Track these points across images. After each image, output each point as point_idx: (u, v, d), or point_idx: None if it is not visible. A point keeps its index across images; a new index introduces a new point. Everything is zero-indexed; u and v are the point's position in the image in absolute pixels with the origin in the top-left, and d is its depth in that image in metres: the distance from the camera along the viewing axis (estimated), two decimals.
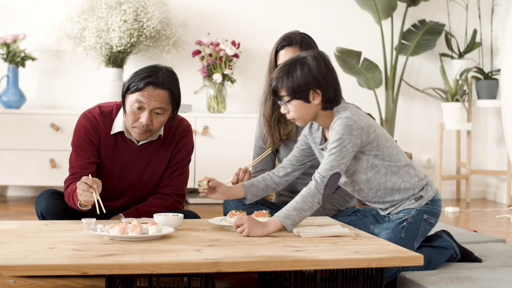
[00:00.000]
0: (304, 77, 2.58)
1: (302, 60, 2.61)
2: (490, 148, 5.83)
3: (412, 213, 2.69)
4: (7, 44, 5.19)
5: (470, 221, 4.70)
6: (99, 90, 5.38)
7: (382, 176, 2.67)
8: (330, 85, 2.61)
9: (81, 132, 2.95)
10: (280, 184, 2.82)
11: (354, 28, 5.70)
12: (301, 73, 2.58)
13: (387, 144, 2.67)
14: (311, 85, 2.59)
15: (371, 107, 5.51)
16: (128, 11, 5.09)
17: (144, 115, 2.83)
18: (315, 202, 2.55)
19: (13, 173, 5.10)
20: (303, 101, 2.60)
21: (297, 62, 2.61)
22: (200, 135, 5.15)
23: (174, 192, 3.01)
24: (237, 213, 2.71)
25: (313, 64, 2.59)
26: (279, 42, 3.15)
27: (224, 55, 5.23)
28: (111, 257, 2.18)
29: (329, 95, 2.61)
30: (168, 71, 2.87)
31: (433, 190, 2.74)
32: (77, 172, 2.89)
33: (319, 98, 2.60)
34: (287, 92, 2.60)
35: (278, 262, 2.20)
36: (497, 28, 5.66)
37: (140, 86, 2.81)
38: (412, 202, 2.70)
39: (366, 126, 2.61)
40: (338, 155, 2.55)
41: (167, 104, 2.85)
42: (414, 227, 2.69)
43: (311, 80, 2.58)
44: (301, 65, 2.59)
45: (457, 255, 2.84)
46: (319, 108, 2.62)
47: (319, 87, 2.59)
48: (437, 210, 2.74)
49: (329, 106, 2.62)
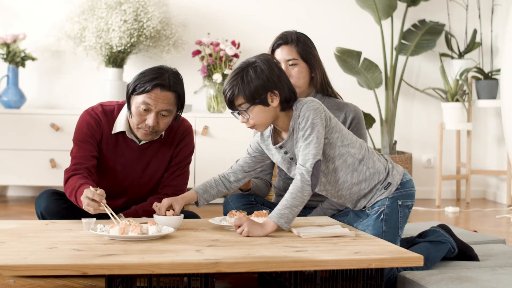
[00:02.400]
0: (259, 80, 2.54)
1: (253, 64, 2.57)
2: (490, 148, 5.83)
3: (386, 203, 2.68)
4: (7, 44, 5.19)
5: (470, 221, 4.70)
6: (99, 90, 5.38)
7: (350, 165, 2.64)
8: (285, 85, 2.58)
9: (84, 127, 2.94)
10: (231, 189, 2.83)
11: (354, 28, 5.70)
12: (255, 76, 2.54)
13: (346, 131, 2.66)
14: (267, 87, 2.55)
15: (371, 107, 5.52)
16: (128, 11, 5.09)
17: (151, 117, 2.83)
18: (305, 196, 2.55)
19: (13, 173, 5.10)
20: (262, 105, 2.56)
21: (249, 66, 2.56)
22: (200, 135, 5.15)
23: (174, 193, 3.00)
24: (237, 213, 2.71)
25: (265, 66, 2.55)
26: (275, 40, 3.15)
27: (224, 55, 5.23)
28: (111, 257, 2.18)
29: (286, 94, 2.58)
30: (174, 73, 2.87)
31: (400, 172, 2.71)
32: (79, 163, 2.88)
33: (277, 99, 2.57)
34: (245, 99, 2.55)
35: (278, 263, 2.20)
36: (497, 28, 5.66)
37: (148, 88, 2.80)
38: (382, 192, 2.68)
39: (327, 111, 2.61)
40: (315, 142, 2.54)
41: (173, 106, 2.86)
42: (392, 216, 2.68)
43: (266, 82, 2.54)
44: (254, 69, 2.55)
45: (454, 249, 2.84)
46: (278, 110, 2.59)
47: (276, 88, 2.56)
48: (409, 191, 2.71)
49: (287, 105, 2.60)
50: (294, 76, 3.10)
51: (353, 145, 2.65)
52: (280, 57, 3.12)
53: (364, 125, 3.20)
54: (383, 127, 5.50)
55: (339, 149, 2.63)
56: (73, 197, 2.77)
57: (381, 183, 2.68)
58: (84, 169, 2.86)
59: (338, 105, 3.19)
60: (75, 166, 2.87)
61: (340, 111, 3.18)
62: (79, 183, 2.74)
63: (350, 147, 2.64)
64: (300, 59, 3.12)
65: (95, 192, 2.61)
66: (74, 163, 2.89)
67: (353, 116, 3.16)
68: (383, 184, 2.68)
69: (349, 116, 3.16)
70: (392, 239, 2.67)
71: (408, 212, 2.72)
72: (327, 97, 3.20)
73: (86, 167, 2.88)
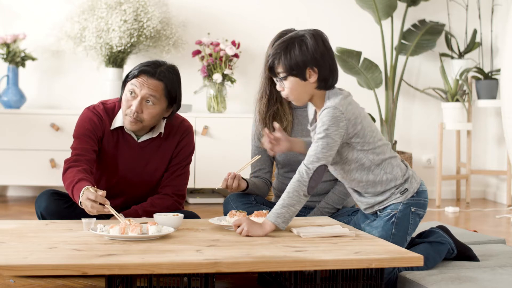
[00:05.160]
0: (301, 55, 2.57)
1: (300, 37, 2.60)
2: (490, 148, 5.83)
3: (399, 208, 2.69)
4: (7, 44, 5.19)
5: (470, 221, 4.70)
6: (99, 90, 5.38)
7: (366, 169, 2.66)
8: (327, 64, 2.60)
9: (86, 122, 2.95)
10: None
11: (354, 28, 5.70)
12: (298, 50, 2.58)
13: (373, 135, 2.65)
14: (308, 63, 2.58)
15: (371, 107, 5.51)
16: (128, 11, 5.09)
17: (135, 102, 2.85)
18: (301, 196, 2.55)
19: (13, 173, 5.10)
20: (299, 78, 2.59)
21: (295, 39, 2.60)
22: (200, 135, 5.15)
23: (174, 193, 3.01)
24: (237, 213, 2.71)
25: (311, 42, 2.59)
26: (276, 38, 3.14)
27: (224, 55, 5.23)
28: (111, 257, 2.18)
29: (325, 74, 2.60)
30: (169, 66, 2.91)
31: (417, 181, 2.73)
32: (80, 154, 2.87)
33: (315, 76, 2.59)
34: (284, 69, 2.59)
35: (278, 263, 2.20)
36: (497, 28, 5.66)
37: (135, 73, 2.87)
38: (397, 196, 2.69)
39: (353, 117, 2.60)
40: (324, 147, 2.55)
41: (160, 95, 2.87)
42: (403, 221, 2.69)
43: (308, 58, 2.58)
44: (299, 43, 2.58)
45: (453, 250, 2.84)
46: (314, 87, 2.62)
47: (316, 65, 2.58)
48: (423, 201, 2.73)
49: (324, 85, 2.62)
50: None
51: (373, 151, 2.65)
52: None
53: None
54: (383, 127, 5.50)
55: (357, 153, 2.65)
56: (70, 191, 2.75)
57: (397, 188, 2.69)
58: (85, 161, 2.85)
59: None
60: (76, 157, 2.86)
61: None
62: (78, 178, 2.72)
63: (369, 152, 2.65)
64: None
65: (96, 193, 2.60)
66: (75, 153, 2.88)
67: None
68: (399, 189, 2.69)
69: None
70: (400, 243, 2.67)
71: (418, 221, 2.74)
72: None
73: (87, 159, 2.87)
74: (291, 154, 3.16)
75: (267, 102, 3.16)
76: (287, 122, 3.16)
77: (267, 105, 3.16)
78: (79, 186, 2.68)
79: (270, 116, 3.16)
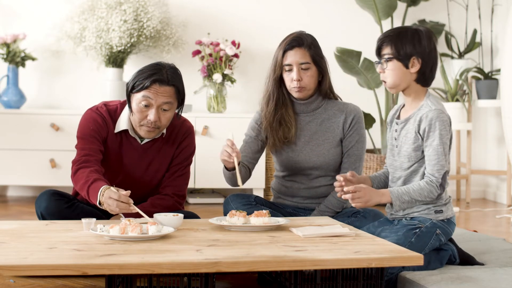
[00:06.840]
0: (412, 44, 2.69)
1: (415, 29, 2.73)
2: (490, 148, 5.83)
3: (426, 224, 2.72)
4: (7, 44, 5.19)
5: (470, 221, 4.69)
6: (99, 90, 5.38)
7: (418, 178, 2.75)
8: (431, 61, 2.72)
9: (90, 123, 2.94)
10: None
11: (354, 28, 5.70)
12: (411, 39, 2.70)
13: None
14: (415, 53, 2.69)
15: (371, 107, 5.51)
16: (128, 11, 5.09)
17: (152, 112, 2.85)
18: (427, 197, 2.66)
19: (13, 173, 5.10)
20: (402, 64, 2.70)
21: (410, 30, 2.73)
22: (200, 135, 5.15)
23: (175, 193, 3.01)
24: (237, 213, 2.71)
25: (425, 36, 2.71)
26: (288, 42, 3.10)
27: (224, 55, 5.23)
28: (111, 257, 2.18)
29: (426, 69, 2.71)
30: (172, 68, 2.90)
31: (452, 212, 2.79)
32: (89, 154, 2.86)
33: (417, 67, 2.70)
34: (391, 51, 2.70)
35: (278, 262, 2.20)
36: (497, 28, 5.66)
37: (146, 84, 2.82)
38: (431, 212, 2.73)
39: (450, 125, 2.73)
40: (444, 153, 2.66)
41: (174, 99, 2.87)
42: (425, 236, 2.71)
43: (417, 47, 2.69)
44: (413, 33, 2.71)
45: (455, 259, 2.84)
46: (413, 78, 2.72)
47: (421, 57, 2.69)
48: (449, 231, 2.77)
49: (423, 80, 2.72)
50: (306, 80, 3.09)
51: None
52: (292, 59, 3.08)
53: (363, 125, 3.20)
54: (383, 127, 5.50)
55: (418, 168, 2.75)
56: (85, 191, 2.74)
57: (434, 206, 2.73)
58: (94, 161, 2.85)
59: (338, 106, 3.19)
60: (85, 158, 2.85)
61: (341, 111, 3.18)
62: (93, 178, 2.72)
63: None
64: (312, 63, 3.10)
65: (119, 193, 2.60)
66: (83, 154, 2.86)
67: (353, 116, 3.17)
68: (435, 207, 2.73)
69: (349, 116, 3.17)
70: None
71: (437, 245, 2.75)
72: (327, 100, 3.20)
73: (96, 159, 2.86)
74: (293, 161, 3.16)
75: (275, 106, 3.14)
76: (293, 129, 3.15)
77: (274, 110, 3.15)
78: (95, 186, 2.68)
79: (277, 121, 3.15)
